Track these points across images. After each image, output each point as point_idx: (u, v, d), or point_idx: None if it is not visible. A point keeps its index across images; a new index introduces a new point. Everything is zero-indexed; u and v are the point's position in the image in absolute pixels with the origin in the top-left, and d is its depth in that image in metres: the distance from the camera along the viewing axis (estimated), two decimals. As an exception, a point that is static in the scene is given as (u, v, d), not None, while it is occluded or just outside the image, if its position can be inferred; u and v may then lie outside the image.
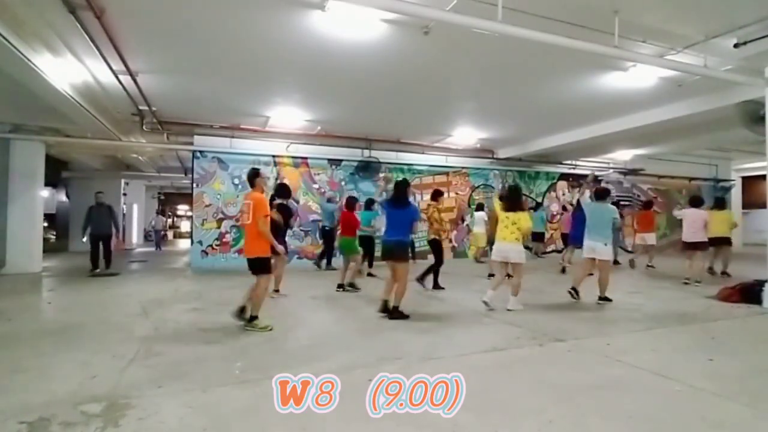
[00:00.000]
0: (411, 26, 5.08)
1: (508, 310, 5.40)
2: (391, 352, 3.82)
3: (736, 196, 17.06)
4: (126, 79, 6.55)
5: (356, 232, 7.33)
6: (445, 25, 4.69)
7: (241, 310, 4.55)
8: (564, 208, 11.92)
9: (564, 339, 4.25)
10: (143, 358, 3.61)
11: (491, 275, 8.03)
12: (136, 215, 18.35)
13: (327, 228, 9.63)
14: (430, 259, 7.24)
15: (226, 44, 5.69)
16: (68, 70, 6.32)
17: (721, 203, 9.08)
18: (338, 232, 7.43)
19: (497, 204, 5.82)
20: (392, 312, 5.01)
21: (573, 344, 4.10)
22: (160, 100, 8.08)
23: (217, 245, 10.03)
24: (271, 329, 4.46)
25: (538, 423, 2.50)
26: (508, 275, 5.76)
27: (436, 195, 7.17)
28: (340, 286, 6.89)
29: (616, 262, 11.08)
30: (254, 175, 4.74)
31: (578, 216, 8.76)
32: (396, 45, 5.61)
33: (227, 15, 4.93)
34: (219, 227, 10.14)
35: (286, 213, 6.30)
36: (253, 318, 4.53)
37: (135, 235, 18.14)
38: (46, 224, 13.27)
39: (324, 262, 9.87)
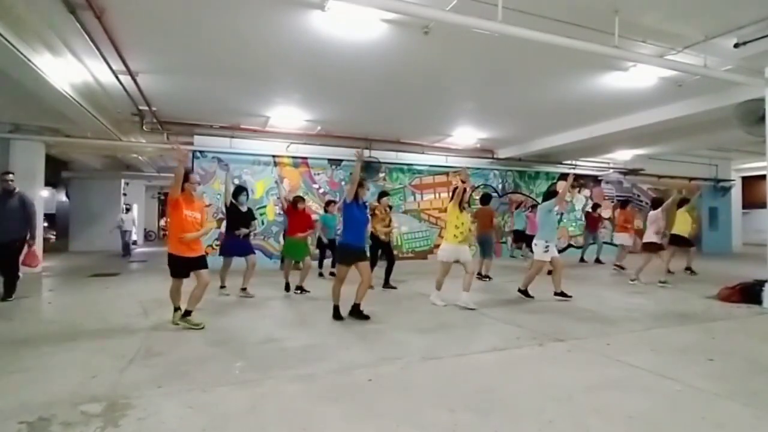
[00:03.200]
0: (411, 26, 5.08)
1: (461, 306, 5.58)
2: (391, 352, 3.83)
3: (736, 196, 17.07)
4: (126, 79, 6.54)
5: (306, 231, 6.92)
6: (445, 25, 4.69)
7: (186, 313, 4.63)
8: (531, 208, 11.34)
9: (564, 339, 4.25)
10: (143, 358, 3.61)
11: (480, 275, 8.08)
12: (136, 215, 18.33)
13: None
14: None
15: (226, 44, 5.69)
16: (68, 70, 6.32)
17: (684, 203, 9.14)
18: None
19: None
20: (355, 310, 5.01)
21: (573, 344, 4.10)
22: (160, 100, 8.08)
23: (217, 245, 10.01)
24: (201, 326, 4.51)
25: (538, 423, 2.50)
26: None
27: (380, 195, 7.57)
28: (299, 288, 6.76)
29: (598, 261, 11.14)
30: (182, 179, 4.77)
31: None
32: (396, 45, 5.61)
33: (227, 15, 4.93)
34: (219, 227, 10.13)
35: (233, 213, 6.43)
36: (188, 312, 4.62)
37: (135, 236, 18.12)
38: (46, 224, 13.28)
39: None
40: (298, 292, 6.67)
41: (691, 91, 7.24)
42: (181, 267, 4.60)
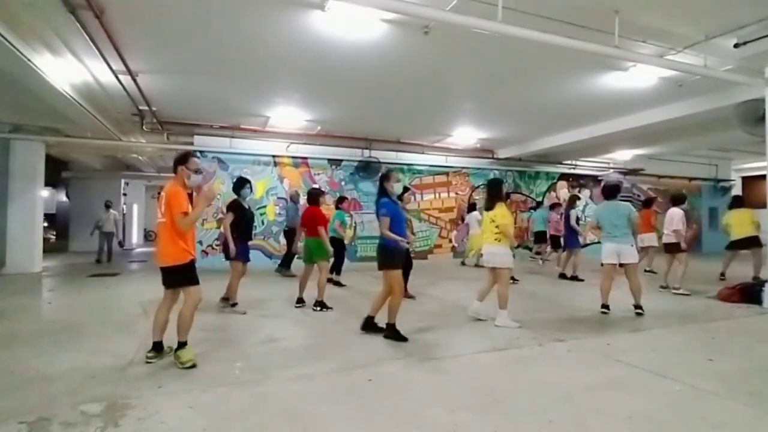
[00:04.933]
0: (411, 26, 5.07)
1: (497, 326, 4.73)
2: (391, 352, 3.83)
3: (735, 196, 17.08)
4: (126, 79, 6.54)
5: (323, 232, 5.70)
6: (445, 25, 4.69)
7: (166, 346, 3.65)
8: (552, 207, 10.61)
9: (564, 339, 4.26)
10: (143, 358, 3.61)
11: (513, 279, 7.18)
12: (136, 215, 18.36)
13: (288, 229, 8.95)
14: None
15: (226, 44, 5.68)
16: (68, 70, 6.32)
17: (738, 201, 8.20)
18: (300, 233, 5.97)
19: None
20: (386, 330, 4.27)
21: (573, 344, 4.10)
22: (160, 100, 8.07)
23: (217, 245, 10.02)
24: (193, 365, 3.41)
25: (538, 423, 2.50)
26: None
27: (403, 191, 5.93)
28: (318, 303, 5.55)
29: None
30: (179, 161, 3.69)
31: (569, 217, 8.61)
32: (396, 45, 5.61)
33: (227, 15, 4.93)
34: (219, 227, 10.14)
35: (238, 212, 5.45)
36: (181, 345, 3.50)
37: (135, 235, 18.15)
38: (46, 224, 13.28)
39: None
40: (317, 308, 5.56)
41: (691, 91, 7.24)
42: None
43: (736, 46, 5.29)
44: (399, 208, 4.42)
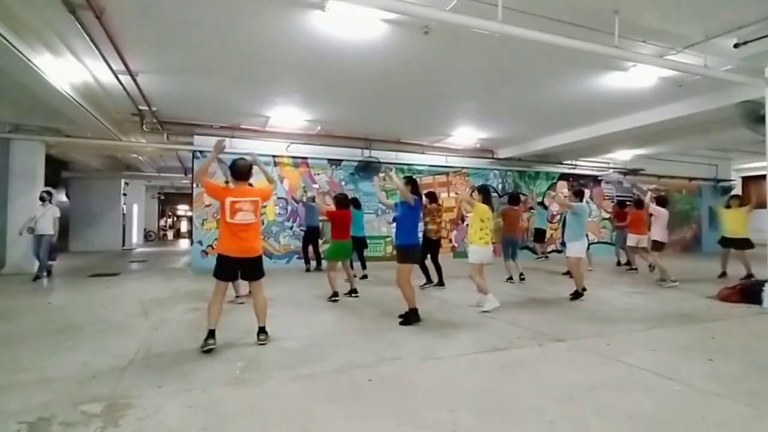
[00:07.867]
0: (411, 26, 5.08)
1: (484, 311, 5.38)
2: (391, 352, 3.83)
3: (735, 196, 17.10)
4: (126, 79, 6.54)
5: (349, 234, 6.65)
6: (445, 25, 4.69)
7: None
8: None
9: (564, 339, 4.25)
10: (143, 358, 3.61)
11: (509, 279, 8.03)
12: (136, 215, 18.37)
13: (309, 228, 9.78)
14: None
15: (226, 44, 5.69)
16: (68, 70, 6.32)
17: (737, 200, 8.60)
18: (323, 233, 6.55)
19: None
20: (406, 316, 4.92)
21: (573, 344, 4.10)
22: (160, 100, 8.08)
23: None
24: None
25: (538, 423, 2.50)
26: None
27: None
28: (353, 291, 6.53)
29: (619, 264, 10.76)
30: (251, 167, 4.20)
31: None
32: (396, 45, 5.61)
33: (227, 15, 4.93)
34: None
35: None
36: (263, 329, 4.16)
37: (135, 235, 18.15)
38: (46, 224, 13.25)
39: (314, 263, 9.84)
40: (356, 295, 6.51)
41: (691, 91, 7.24)
42: (228, 267, 4.05)
43: (736, 46, 5.29)
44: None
